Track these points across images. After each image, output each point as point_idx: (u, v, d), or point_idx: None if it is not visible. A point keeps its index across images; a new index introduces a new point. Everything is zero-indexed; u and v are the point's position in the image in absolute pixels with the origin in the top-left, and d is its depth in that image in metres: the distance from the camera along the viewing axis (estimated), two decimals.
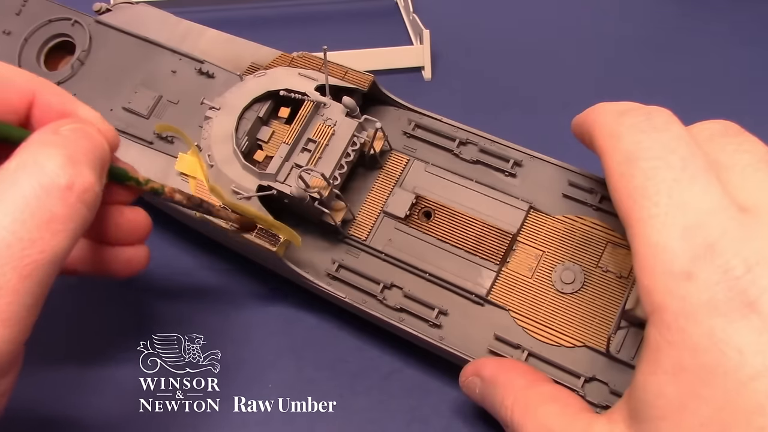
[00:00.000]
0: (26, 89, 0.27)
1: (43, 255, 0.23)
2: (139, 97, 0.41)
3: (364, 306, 0.35)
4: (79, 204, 0.24)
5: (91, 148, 0.25)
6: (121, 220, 0.30)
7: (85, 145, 0.25)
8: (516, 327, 0.34)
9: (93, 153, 0.25)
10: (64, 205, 0.23)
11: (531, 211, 0.36)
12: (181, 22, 0.44)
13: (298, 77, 0.38)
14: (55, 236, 0.23)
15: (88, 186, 0.24)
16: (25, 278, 0.22)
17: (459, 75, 0.50)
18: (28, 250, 0.22)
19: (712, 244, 0.23)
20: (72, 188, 0.23)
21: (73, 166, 0.24)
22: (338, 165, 0.35)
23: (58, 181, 0.23)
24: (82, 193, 0.24)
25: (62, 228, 0.23)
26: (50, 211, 0.23)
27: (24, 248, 0.22)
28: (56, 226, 0.23)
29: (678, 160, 0.25)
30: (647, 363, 0.24)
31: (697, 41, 0.50)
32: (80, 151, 0.25)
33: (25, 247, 0.22)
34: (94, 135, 0.26)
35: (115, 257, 0.31)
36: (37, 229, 0.23)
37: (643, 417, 0.24)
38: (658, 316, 0.23)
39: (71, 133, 0.25)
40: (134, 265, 0.32)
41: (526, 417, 0.29)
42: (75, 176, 0.24)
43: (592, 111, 0.30)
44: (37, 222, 0.23)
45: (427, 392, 0.37)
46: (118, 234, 0.31)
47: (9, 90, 0.26)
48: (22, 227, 0.22)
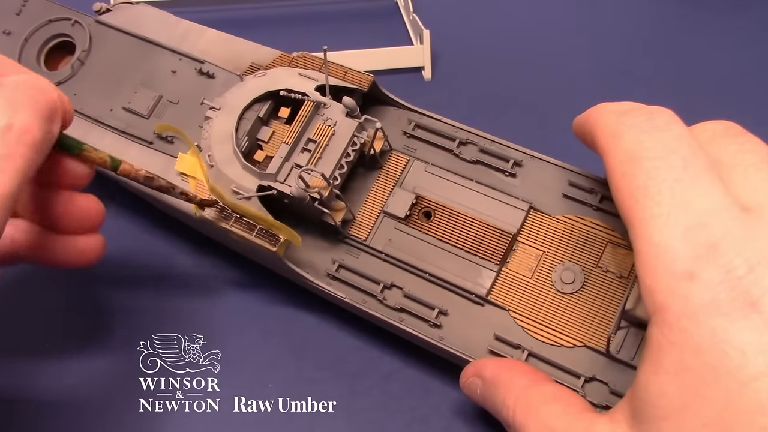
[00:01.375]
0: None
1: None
2: (139, 97, 0.41)
3: (364, 306, 0.35)
4: (20, 145, 0.24)
5: (35, 96, 0.26)
6: (72, 206, 0.30)
7: (29, 93, 0.26)
8: (516, 327, 0.34)
9: (37, 101, 0.26)
10: (4, 145, 0.24)
11: (531, 211, 0.36)
12: (181, 22, 0.44)
13: (298, 77, 0.38)
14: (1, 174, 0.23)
15: (27, 127, 0.24)
16: None
17: (459, 75, 0.50)
18: None
19: (714, 244, 0.23)
20: (11, 128, 0.24)
21: (14, 109, 0.24)
22: (338, 165, 0.35)
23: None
24: (22, 134, 0.24)
25: (7, 166, 0.24)
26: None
27: None
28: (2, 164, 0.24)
29: (680, 159, 0.25)
30: (649, 363, 0.24)
31: (697, 41, 0.50)
32: (22, 97, 0.25)
33: None
34: (42, 85, 0.27)
35: (68, 246, 0.31)
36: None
37: (645, 417, 0.24)
38: (660, 316, 0.23)
39: (15, 83, 0.26)
40: (88, 254, 0.31)
41: (528, 417, 0.29)
42: (13, 117, 0.24)
43: (593, 111, 0.30)
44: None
45: (427, 392, 0.37)
46: (69, 221, 0.30)
47: None
48: None
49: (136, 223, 0.43)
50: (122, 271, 0.42)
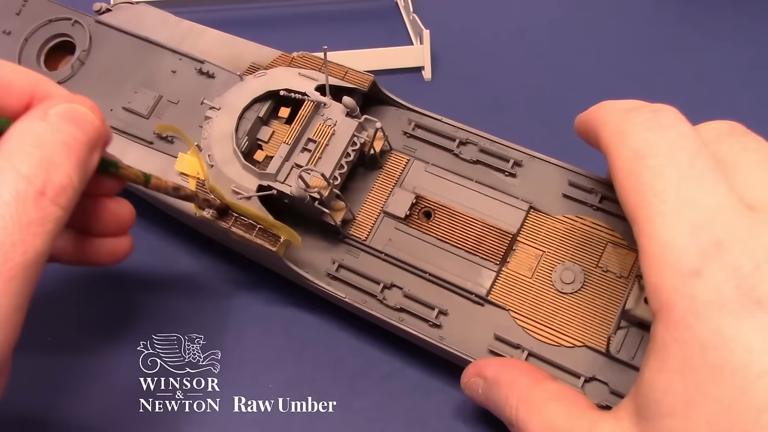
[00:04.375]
0: (25, 89, 0.27)
1: (25, 256, 0.23)
2: (139, 97, 0.41)
3: (364, 306, 0.35)
4: (53, 207, 0.24)
5: (76, 134, 0.26)
6: (105, 212, 0.31)
7: (70, 132, 0.25)
8: (516, 327, 0.34)
9: (77, 140, 0.26)
10: (38, 209, 0.24)
11: (531, 211, 0.36)
12: (181, 22, 0.44)
13: (298, 77, 0.38)
14: (35, 238, 0.23)
15: (60, 189, 0.24)
16: (10, 281, 0.23)
17: (459, 75, 0.50)
18: (10, 254, 0.23)
19: (719, 242, 0.23)
20: (44, 193, 0.24)
21: (48, 168, 0.24)
22: (338, 165, 0.35)
23: (32, 188, 0.24)
24: (56, 197, 0.24)
25: (40, 230, 0.24)
26: (28, 216, 0.23)
27: (6, 252, 0.23)
28: (35, 229, 0.23)
29: (685, 158, 0.25)
30: (654, 360, 0.24)
31: (697, 41, 0.50)
32: (62, 142, 0.25)
33: (7, 251, 0.23)
34: (85, 115, 0.26)
35: (99, 248, 0.31)
36: (19, 233, 0.23)
37: (649, 414, 0.24)
38: (665, 314, 0.23)
39: (59, 118, 0.25)
40: (118, 255, 0.32)
41: (531, 415, 0.29)
42: (47, 180, 0.24)
43: (597, 109, 0.30)
44: (18, 226, 0.23)
45: (427, 392, 0.37)
46: (102, 226, 0.31)
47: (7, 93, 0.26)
48: (2, 233, 0.23)
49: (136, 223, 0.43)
50: (122, 271, 0.42)
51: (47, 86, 0.27)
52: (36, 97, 0.27)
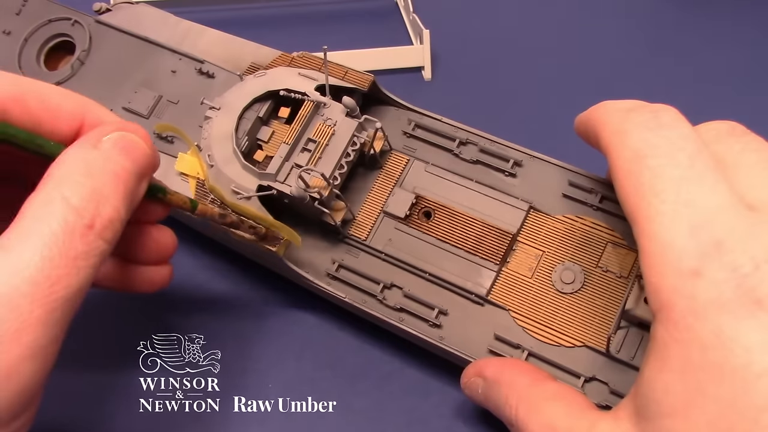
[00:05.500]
0: (75, 114, 0.27)
1: (68, 290, 0.23)
2: (139, 97, 0.41)
3: (364, 306, 0.35)
4: (99, 241, 0.24)
5: (126, 164, 0.25)
6: (149, 239, 0.31)
7: (120, 162, 0.25)
8: (516, 327, 0.34)
9: (127, 170, 0.25)
10: (85, 243, 0.23)
11: (531, 211, 0.36)
12: (181, 22, 0.44)
13: (298, 77, 0.38)
14: (79, 272, 0.23)
15: (108, 223, 0.24)
16: (51, 313, 0.23)
17: (459, 75, 0.50)
18: (54, 287, 0.23)
19: (719, 242, 0.23)
20: (93, 227, 0.24)
21: (98, 201, 0.24)
22: (338, 165, 0.35)
23: (81, 221, 0.23)
24: (103, 231, 0.24)
25: (84, 264, 0.23)
26: (75, 249, 0.23)
27: (51, 285, 0.22)
28: (80, 263, 0.23)
29: (685, 158, 0.25)
30: (654, 360, 0.24)
31: (697, 41, 0.50)
32: (112, 173, 0.25)
33: (52, 284, 0.22)
34: (137, 144, 0.26)
35: (140, 275, 0.31)
36: (64, 266, 0.23)
37: (649, 414, 0.24)
38: (665, 314, 0.23)
39: (111, 146, 0.25)
40: (157, 283, 0.32)
41: (531, 415, 0.29)
42: (96, 215, 0.24)
43: (596, 109, 0.30)
44: (64, 260, 0.23)
45: (427, 392, 0.37)
46: (145, 253, 0.31)
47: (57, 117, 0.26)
48: (49, 265, 0.22)
49: None
50: None
51: (98, 111, 0.27)
52: (86, 122, 0.27)
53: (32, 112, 0.25)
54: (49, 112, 0.26)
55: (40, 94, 0.26)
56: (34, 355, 0.22)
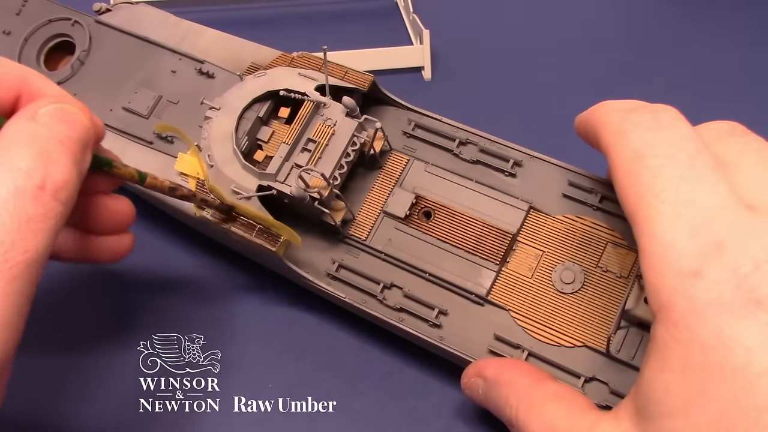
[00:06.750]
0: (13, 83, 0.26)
1: (26, 255, 0.22)
2: (139, 97, 0.41)
3: (364, 306, 0.35)
4: (53, 202, 0.23)
5: (69, 132, 0.25)
6: (104, 209, 0.31)
7: (62, 131, 0.25)
8: (516, 327, 0.34)
9: (70, 138, 0.25)
10: (38, 205, 0.23)
11: (531, 211, 0.36)
12: (181, 22, 0.44)
13: (298, 77, 0.38)
14: (35, 236, 0.23)
15: (61, 183, 0.24)
16: (11, 281, 0.22)
17: (459, 75, 0.50)
18: (11, 253, 0.22)
19: (719, 242, 0.23)
20: (44, 188, 0.23)
21: (46, 163, 0.23)
22: (338, 165, 0.35)
23: (31, 182, 0.23)
24: (56, 192, 0.23)
25: (41, 227, 0.23)
26: (27, 212, 0.23)
27: (6, 251, 0.22)
28: (35, 226, 0.23)
29: (685, 158, 0.25)
30: (654, 360, 0.24)
31: (697, 41, 0.50)
32: (56, 139, 0.24)
33: (7, 250, 0.22)
34: (74, 114, 0.26)
35: (100, 245, 0.31)
36: (18, 231, 0.22)
37: (649, 415, 0.24)
38: (665, 314, 0.23)
39: (49, 118, 0.25)
40: (119, 252, 0.32)
41: (531, 415, 0.29)
42: (47, 175, 0.23)
43: (596, 109, 0.30)
44: (17, 224, 0.22)
45: (427, 392, 0.37)
46: (102, 223, 0.31)
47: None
48: (2, 230, 0.22)
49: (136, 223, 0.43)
50: (122, 271, 0.42)
51: (36, 81, 0.27)
52: (24, 92, 0.26)
53: None
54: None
55: None
56: (0, 325, 0.22)
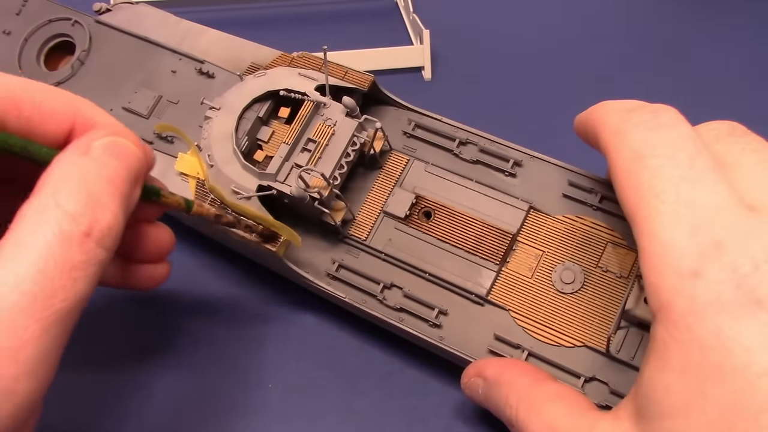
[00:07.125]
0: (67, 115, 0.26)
1: (65, 303, 0.22)
2: (139, 97, 0.41)
3: (364, 306, 0.35)
4: (98, 249, 0.23)
5: (120, 170, 0.24)
6: (146, 239, 0.31)
7: (114, 167, 0.24)
8: (516, 327, 0.34)
9: (121, 177, 0.24)
10: (82, 252, 0.22)
11: (531, 211, 0.36)
12: (181, 22, 0.44)
13: (298, 77, 0.38)
14: (75, 283, 0.22)
15: (107, 230, 0.23)
16: (47, 329, 0.22)
17: (459, 75, 0.50)
18: (51, 300, 0.22)
19: (719, 242, 0.23)
20: (90, 234, 0.23)
21: (94, 207, 0.23)
22: (338, 165, 0.35)
23: (78, 228, 0.22)
24: (101, 239, 0.23)
25: (83, 274, 0.22)
26: (71, 260, 0.22)
27: (47, 298, 0.21)
28: (76, 273, 0.22)
29: (685, 158, 0.25)
30: (654, 361, 0.24)
31: (697, 41, 0.50)
32: (106, 179, 0.24)
33: (48, 297, 0.21)
34: (128, 148, 0.25)
35: (139, 273, 0.31)
36: (60, 278, 0.22)
37: (649, 415, 0.24)
38: (665, 314, 0.23)
39: (102, 152, 0.24)
40: (156, 280, 0.32)
41: (531, 415, 0.29)
42: (94, 221, 0.23)
43: (596, 109, 0.30)
44: (60, 271, 0.22)
45: (427, 392, 0.37)
46: (144, 253, 0.31)
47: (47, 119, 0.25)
48: (44, 277, 0.21)
49: None
50: None
51: (89, 111, 0.26)
52: (77, 123, 0.26)
53: (25, 116, 0.24)
54: (40, 116, 0.25)
55: (33, 97, 0.25)
56: (31, 372, 0.21)
